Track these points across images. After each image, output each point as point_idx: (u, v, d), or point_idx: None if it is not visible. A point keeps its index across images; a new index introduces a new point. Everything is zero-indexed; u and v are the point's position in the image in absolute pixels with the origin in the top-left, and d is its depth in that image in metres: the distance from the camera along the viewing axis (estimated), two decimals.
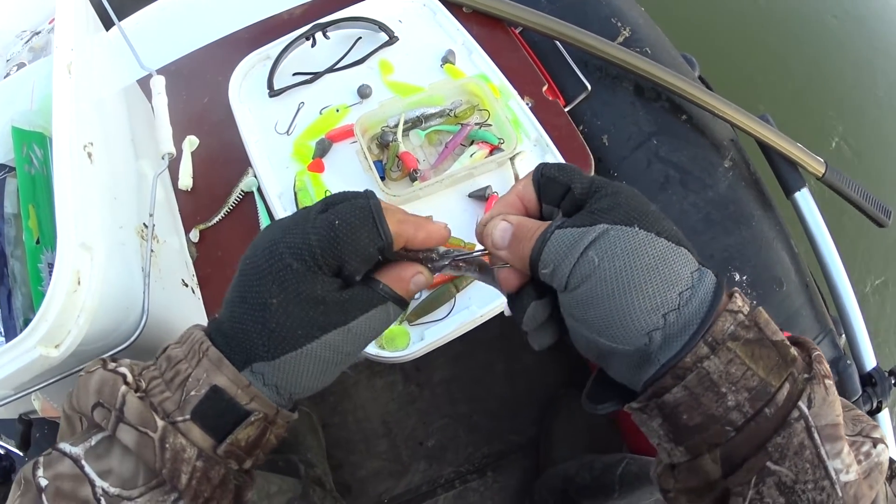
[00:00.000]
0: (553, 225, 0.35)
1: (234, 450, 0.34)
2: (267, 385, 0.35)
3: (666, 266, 0.32)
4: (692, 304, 0.32)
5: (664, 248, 0.33)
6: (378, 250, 0.36)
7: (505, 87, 0.86)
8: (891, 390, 0.89)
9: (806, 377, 0.31)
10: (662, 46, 0.99)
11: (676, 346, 0.32)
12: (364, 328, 0.36)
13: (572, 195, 0.36)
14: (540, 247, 0.34)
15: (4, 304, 0.68)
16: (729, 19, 1.70)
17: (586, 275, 0.33)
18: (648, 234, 0.33)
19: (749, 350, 0.30)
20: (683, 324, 0.32)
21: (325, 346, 0.35)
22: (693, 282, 0.32)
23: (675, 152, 0.91)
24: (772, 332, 0.31)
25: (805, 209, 0.94)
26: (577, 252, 0.33)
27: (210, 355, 0.34)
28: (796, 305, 0.89)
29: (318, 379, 0.36)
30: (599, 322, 0.33)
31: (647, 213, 0.34)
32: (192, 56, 1.00)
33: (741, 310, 0.32)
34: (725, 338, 0.31)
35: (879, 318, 1.46)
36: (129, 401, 0.33)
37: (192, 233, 0.84)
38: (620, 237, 0.33)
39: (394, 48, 0.91)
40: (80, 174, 0.56)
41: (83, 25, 0.73)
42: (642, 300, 0.32)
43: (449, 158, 0.81)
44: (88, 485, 0.32)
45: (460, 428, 1.05)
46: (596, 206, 0.35)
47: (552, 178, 0.37)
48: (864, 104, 1.62)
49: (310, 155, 0.83)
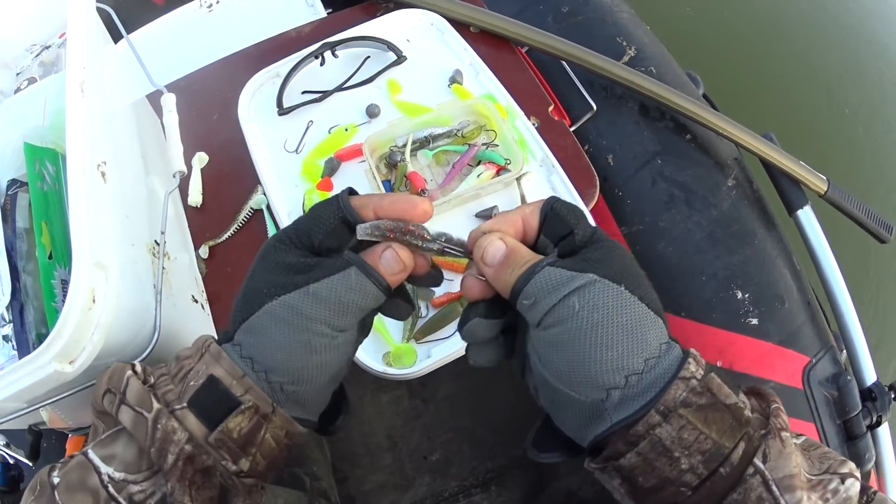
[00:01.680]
0: (546, 261, 0.35)
1: (225, 440, 0.34)
2: (244, 358, 0.35)
3: (641, 331, 0.33)
4: (654, 372, 0.33)
5: (643, 314, 0.34)
6: (341, 221, 0.37)
7: (511, 107, 0.87)
8: (890, 405, 0.90)
9: (763, 433, 0.32)
10: (667, 65, 1.00)
11: (631, 408, 0.32)
12: (325, 292, 0.35)
13: (572, 238, 0.36)
14: (527, 277, 0.35)
15: (17, 318, 0.68)
16: (733, 37, 1.71)
17: (563, 318, 0.33)
18: (632, 296, 0.34)
19: (702, 415, 0.31)
20: (642, 389, 0.32)
21: (284, 306, 0.35)
22: (661, 352, 0.33)
23: (679, 171, 0.92)
24: (725, 396, 0.32)
25: (807, 226, 0.95)
26: (561, 293, 0.34)
27: (211, 350, 0.36)
28: (798, 322, 0.90)
29: (285, 350, 0.35)
30: (563, 366, 0.34)
31: (636, 277, 0.35)
32: (201, 72, 1.01)
33: (694, 375, 0.32)
34: (677, 405, 0.31)
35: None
36: (132, 384, 0.35)
37: (201, 249, 0.85)
38: (606, 291, 0.33)
39: (402, 67, 0.92)
40: (94, 194, 0.57)
41: (94, 41, 0.73)
42: (610, 357, 0.32)
43: (456, 178, 0.82)
44: (94, 472, 0.34)
45: (465, 442, 1.06)
46: (591, 255, 0.35)
47: (560, 216, 0.37)
48: (870, 123, 1.63)
49: (319, 173, 0.84)
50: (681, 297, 0.88)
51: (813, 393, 0.86)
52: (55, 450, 0.84)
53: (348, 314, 0.36)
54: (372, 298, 0.36)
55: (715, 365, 0.34)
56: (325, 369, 0.37)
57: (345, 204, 0.37)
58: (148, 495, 0.34)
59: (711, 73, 1.09)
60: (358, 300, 0.36)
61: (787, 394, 0.85)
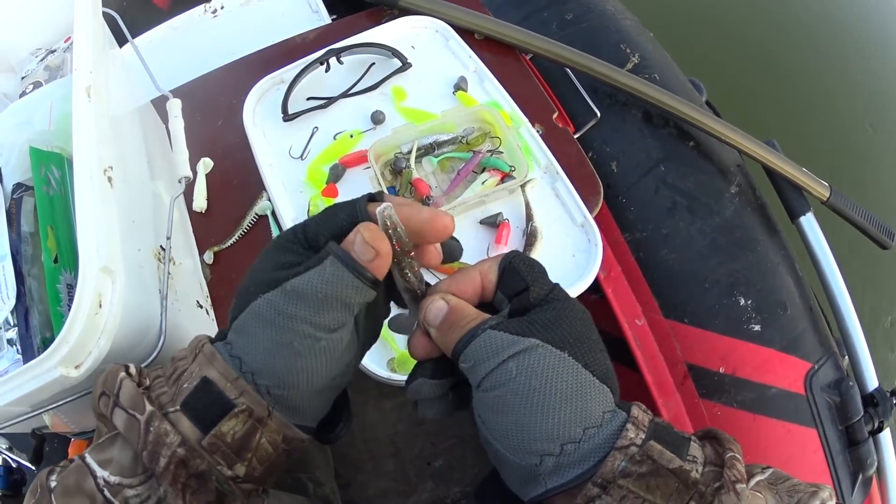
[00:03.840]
0: (488, 323, 0.34)
1: (218, 444, 0.34)
2: (233, 357, 0.35)
3: (580, 400, 0.32)
4: (594, 441, 0.32)
5: (584, 382, 0.33)
6: (353, 226, 0.35)
7: (516, 114, 0.87)
8: (892, 410, 0.90)
9: (716, 486, 0.31)
10: (671, 72, 1.01)
11: (566, 476, 0.32)
12: (303, 286, 0.33)
13: (527, 295, 0.35)
14: (467, 341, 0.34)
15: (22, 322, 0.68)
16: (736, 44, 1.72)
17: (500, 382, 0.33)
18: (575, 363, 0.33)
19: (643, 483, 0.30)
20: (579, 457, 0.32)
21: (267, 304, 0.34)
22: (603, 421, 0.32)
23: (682, 178, 0.92)
24: (667, 461, 0.31)
25: (809, 233, 0.96)
26: (499, 359, 0.33)
27: (205, 351, 0.35)
28: (800, 329, 0.90)
29: (269, 352, 0.34)
30: (499, 429, 0.33)
31: (584, 342, 0.34)
32: (206, 78, 1.02)
33: (634, 442, 0.31)
34: (616, 476, 0.30)
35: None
36: (125, 385, 0.35)
37: (206, 254, 0.85)
38: (545, 358, 0.33)
39: (407, 74, 0.93)
40: (101, 199, 0.57)
41: (100, 46, 0.74)
42: (545, 425, 0.32)
43: (461, 185, 0.82)
44: (90, 476, 0.34)
45: (467, 449, 1.06)
46: (539, 317, 0.34)
47: (517, 271, 0.36)
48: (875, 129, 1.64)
49: (324, 180, 0.85)
50: (684, 303, 0.89)
51: (815, 399, 0.86)
52: (58, 453, 0.84)
53: (330, 310, 0.34)
54: (353, 290, 0.34)
55: (660, 420, 0.33)
56: (311, 374, 0.35)
57: (361, 209, 0.36)
58: (143, 499, 0.33)
59: (714, 80, 1.10)
60: (337, 293, 0.33)
61: (789, 400, 0.85)
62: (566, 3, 1.05)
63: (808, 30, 1.75)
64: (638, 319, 0.90)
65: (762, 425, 0.85)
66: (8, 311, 0.67)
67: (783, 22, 1.78)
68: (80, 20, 0.70)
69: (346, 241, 0.34)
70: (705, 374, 0.86)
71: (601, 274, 0.87)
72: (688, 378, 0.87)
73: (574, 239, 0.80)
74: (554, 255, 0.79)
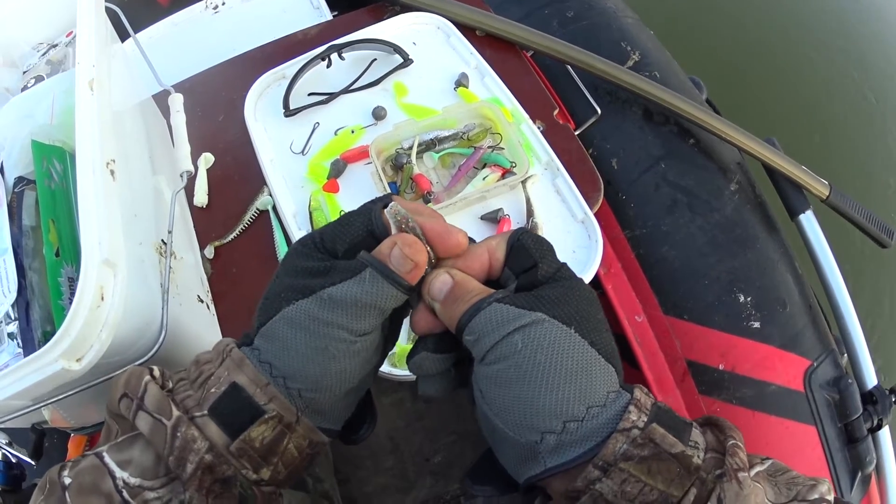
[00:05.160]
0: (494, 296, 0.34)
1: (247, 449, 0.34)
2: (262, 362, 0.35)
3: (585, 377, 0.32)
4: (597, 420, 0.31)
5: (590, 360, 0.33)
6: (369, 233, 0.36)
7: (517, 110, 0.87)
8: (891, 408, 0.91)
9: (718, 473, 0.31)
10: (671, 70, 1.01)
11: (567, 455, 0.31)
12: (341, 295, 0.34)
13: (534, 272, 0.35)
14: (472, 314, 0.34)
15: (23, 316, 0.68)
16: (737, 42, 1.72)
17: (505, 355, 0.32)
18: (582, 340, 0.33)
19: (645, 467, 0.30)
20: (581, 436, 0.31)
21: (300, 311, 0.34)
22: (607, 401, 0.32)
23: (682, 176, 0.92)
24: (669, 445, 0.30)
25: (809, 231, 0.96)
26: (504, 331, 0.33)
27: (233, 356, 0.35)
28: (799, 326, 0.91)
29: (303, 356, 0.34)
30: (501, 403, 0.33)
31: (591, 320, 0.34)
32: (207, 73, 1.02)
33: (636, 425, 0.31)
34: (617, 458, 0.30)
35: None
36: (150, 389, 0.34)
37: (207, 249, 0.85)
38: (551, 332, 0.32)
39: (408, 70, 0.93)
40: (104, 192, 0.57)
41: (103, 40, 0.74)
42: (548, 400, 0.31)
43: (462, 181, 0.82)
44: (109, 476, 0.33)
45: (467, 445, 1.06)
46: (544, 293, 0.34)
47: (526, 248, 0.36)
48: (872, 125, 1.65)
49: (325, 175, 0.85)
50: (683, 300, 0.89)
51: (814, 396, 0.87)
52: (57, 448, 0.84)
53: (367, 317, 0.35)
54: (390, 299, 0.35)
55: (662, 404, 0.33)
56: (344, 376, 0.36)
57: (376, 217, 0.36)
58: (164, 503, 0.33)
59: (714, 78, 1.10)
60: (375, 301, 0.34)
61: (788, 397, 0.86)
62: (567, 1, 1.05)
63: (808, 28, 1.76)
64: (638, 316, 0.90)
65: (761, 422, 0.85)
66: (9, 305, 0.67)
67: (784, 20, 1.78)
68: (82, 14, 0.70)
69: (380, 252, 0.35)
70: (705, 370, 0.86)
71: (601, 270, 0.88)
72: (687, 374, 0.87)
73: (574, 235, 0.80)
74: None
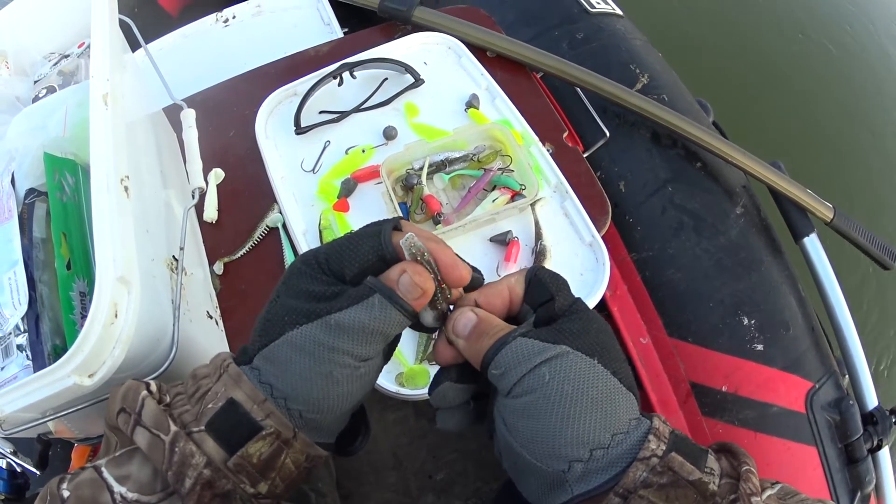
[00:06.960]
0: (518, 331, 0.35)
1: (244, 464, 0.34)
2: (262, 383, 0.35)
3: (610, 405, 0.33)
4: (621, 447, 0.32)
5: (614, 389, 0.34)
6: (379, 259, 0.36)
7: (527, 133, 0.88)
8: (891, 429, 0.91)
9: (732, 498, 0.32)
10: (679, 92, 1.02)
11: (593, 482, 0.32)
12: (348, 321, 0.34)
13: (551, 306, 0.37)
14: (498, 348, 0.35)
15: (33, 328, 0.68)
16: (744, 65, 1.73)
17: (533, 388, 0.34)
18: (605, 370, 0.34)
19: (663, 494, 0.31)
20: (607, 463, 0.32)
21: (305, 336, 0.35)
22: (630, 428, 0.33)
23: (689, 199, 0.93)
24: (687, 473, 0.32)
25: (813, 254, 0.97)
26: (531, 364, 0.34)
27: (230, 371, 0.35)
28: (802, 348, 0.91)
29: (306, 380, 0.35)
30: (528, 434, 0.34)
31: (611, 351, 0.35)
32: (218, 88, 1.02)
33: (655, 453, 0.32)
34: (637, 486, 0.31)
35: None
36: (148, 404, 0.35)
37: (216, 265, 0.85)
38: (577, 364, 0.34)
39: (419, 90, 0.93)
40: (118, 209, 0.57)
41: (117, 53, 0.74)
42: (576, 429, 0.32)
43: (471, 203, 0.83)
44: (107, 490, 0.34)
45: (469, 462, 1.06)
46: (566, 326, 0.36)
47: (542, 283, 0.38)
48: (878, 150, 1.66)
49: (335, 194, 0.85)
50: (688, 322, 0.89)
51: (816, 417, 0.88)
52: (60, 458, 0.84)
53: (373, 343, 0.35)
54: (397, 325, 0.36)
55: (679, 432, 0.34)
56: (347, 398, 0.36)
57: (386, 242, 0.36)
58: None
59: (722, 101, 1.11)
60: (382, 328, 0.35)
61: (790, 418, 0.86)
62: (577, 23, 1.06)
63: (816, 53, 1.77)
64: (643, 338, 0.91)
65: (763, 443, 0.86)
66: (19, 317, 0.67)
67: (792, 45, 1.79)
68: (96, 27, 0.70)
69: (388, 278, 0.36)
70: (708, 392, 0.87)
71: (607, 292, 0.88)
72: (691, 396, 0.88)
73: (582, 258, 0.81)
74: (562, 274, 0.78)
